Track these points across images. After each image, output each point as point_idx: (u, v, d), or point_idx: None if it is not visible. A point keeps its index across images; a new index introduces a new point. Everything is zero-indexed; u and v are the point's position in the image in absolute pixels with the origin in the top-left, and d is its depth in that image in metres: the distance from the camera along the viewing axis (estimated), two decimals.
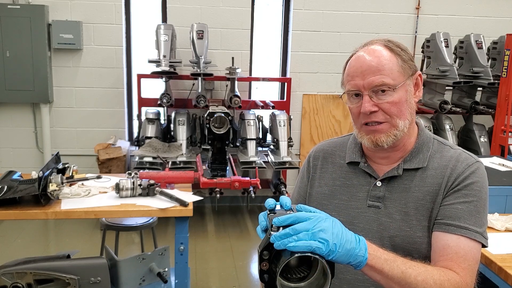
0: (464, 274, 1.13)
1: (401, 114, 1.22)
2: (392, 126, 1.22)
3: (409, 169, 1.27)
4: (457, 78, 4.54)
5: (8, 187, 2.34)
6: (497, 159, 3.25)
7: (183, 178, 2.80)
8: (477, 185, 1.21)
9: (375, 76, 1.19)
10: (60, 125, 4.94)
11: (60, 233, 4.49)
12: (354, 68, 1.23)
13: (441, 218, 1.20)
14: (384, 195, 1.27)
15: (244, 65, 5.04)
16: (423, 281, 1.06)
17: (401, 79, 1.21)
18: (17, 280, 2.29)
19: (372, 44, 1.26)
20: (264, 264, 0.96)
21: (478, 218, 1.19)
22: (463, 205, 1.19)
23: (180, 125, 4.59)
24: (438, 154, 1.28)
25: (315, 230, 0.95)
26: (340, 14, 5.08)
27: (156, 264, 2.68)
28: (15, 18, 4.56)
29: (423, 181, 1.25)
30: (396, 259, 1.07)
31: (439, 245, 1.18)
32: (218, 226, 4.72)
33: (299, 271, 1.00)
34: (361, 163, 1.33)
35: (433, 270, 1.10)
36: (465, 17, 5.24)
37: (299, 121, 5.26)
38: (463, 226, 1.17)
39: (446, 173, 1.23)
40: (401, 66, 1.22)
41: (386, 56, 1.21)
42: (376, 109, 1.20)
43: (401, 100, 1.21)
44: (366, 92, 1.21)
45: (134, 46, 5.08)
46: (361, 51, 1.25)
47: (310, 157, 1.44)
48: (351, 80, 1.23)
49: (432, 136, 1.32)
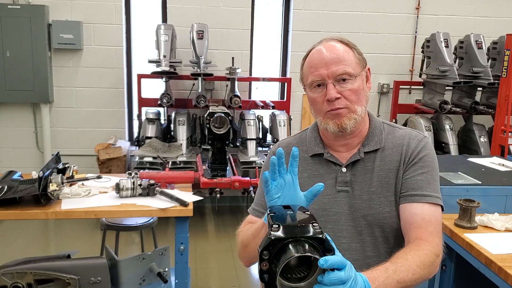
0: (432, 238, 1.27)
1: (359, 100, 1.35)
2: (352, 111, 1.35)
3: (368, 151, 1.40)
4: (457, 78, 4.54)
5: (8, 187, 2.34)
6: (497, 159, 3.25)
7: (183, 178, 2.80)
8: (430, 156, 1.38)
9: (338, 66, 1.33)
10: (60, 125, 4.95)
11: (60, 233, 4.49)
12: (317, 60, 1.35)
13: (405, 191, 1.35)
14: (350, 179, 1.39)
15: (244, 65, 5.04)
16: (413, 274, 1.17)
17: (358, 69, 1.36)
18: (17, 280, 2.29)
19: (327, 40, 1.39)
20: (264, 264, 0.96)
21: (435, 185, 1.36)
22: (422, 176, 1.35)
23: (180, 125, 4.60)
24: (390, 135, 1.43)
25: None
26: (340, 14, 5.08)
27: (156, 264, 2.68)
28: (15, 18, 4.56)
29: (383, 161, 1.39)
30: (387, 271, 1.12)
31: (407, 215, 1.32)
32: (218, 226, 4.72)
33: (299, 271, 1.00)
34: (324, 154, 1.44)
35: (412, 255, 1.20)
36: (465, 17, 5.24)
37: (299, 121, 5.26)
38: (425, 194, 1.33)
39: (402, 150, 1.39)
40: (358, 58, 1.37)
41: (344, 49, 1.36)
42: (339, 96, 1.33)
43: (359, 88, 1.35)
44: (330, 80, 1.33)
45: (134, 46, 5.09)
46: (319, 46, 1.38)
47: (274, 153, 1.48)
48: (315, 71, 1.35)
49: (381, 121, 1.48)
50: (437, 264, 1.26)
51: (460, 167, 2.95)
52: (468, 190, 2.51)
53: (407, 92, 5.36)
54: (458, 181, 2.66)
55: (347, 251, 1.35)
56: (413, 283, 1.18)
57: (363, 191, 1.37)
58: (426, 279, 1.23)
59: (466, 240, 2.01)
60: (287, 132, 4.61)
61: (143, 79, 4.76)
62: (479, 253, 1.91)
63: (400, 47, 5.22)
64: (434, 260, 1.23)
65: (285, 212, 1.07)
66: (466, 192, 2.46)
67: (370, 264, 1.35)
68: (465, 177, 2.73)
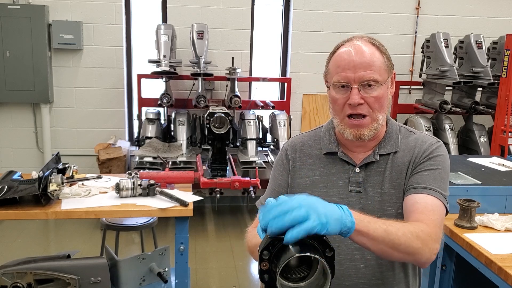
0: (433, 226, 1.21)
1: (381, 108, 1.33)
2: (373, 120, 1.32)
3: (383, 154, 1.38)
4: (457, 78, 4.54)
5: (8, 187, 2.34)
6: (497, 159, 3.25)
7: (183, 178, 2.80)
8: (441, 157, 1.35)
9: (366, 72, 1.28)
10: (60, 125, 4.95)
11: (60, 233, 4.49)
12: (345, 62, 1.30)
13: (410, 185, 1.32)
14: (363, 180, 1.37)
15: (244, 65, 5.04)
16: (403, 235, 1.12)
17: (386, 76, 1.32)
18: (17, 280, 2.29)
19: (358, 40, 1.33)
20: (264, 264, 0.96)
21: (443, 183, 1.31)
22: (429, 172, 1.32)
23: (180, 125, 4.60)
24: (405, 139, 1.41)
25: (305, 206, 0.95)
26: (340, 14, 5.08)
27: (156, 264, 2.68)
28: (15, 18, 4.56)
29: (395, 162, 1.37)
30: (376, 220, 1.11)
31: (409, 204, 1.29)
32: (218, 226, 4.72)
33: (299, 271, 1.00)
34: (339, 153, 1.41)
35: (408, 224, 1.19)
36: (465, 17, 5.24)
37: (299, 121, 5.26)
38: (429, 187, 1.29)
39: (414, 151, 1.37)
40: (386, 64, 1.33)
41: (375, 53, 1.31)
42: (362, 102, 1.29)
43: (383, 96, 1.32)
44: (355, 85, 1.29)
45: (134, 46, 5.09)
46: (349, 46, 1.32)
47: (287, 150, 1.51)
48: (341, 72, 1.30)
49: (397, 124, 1.46)
50: (432, 249, 1.17)
51: (460, 167, 2.95)
52: (468, 190, 2.51)
53: (407, 92, 5.36)
54: (458, 181, 2.66)
55: (358, 251, 1.34)
56: (401, 248, 1.11)
57: (376, 193, 1.36)
58: (417, 254, 1.15)
59: (466, 240, 2.01)
60: (287, 132, 4.61)
61: (143, 79, 4.76)
62: (479, 253, 1.91)
63: (400, 47, 5.22)
64: (428, 240, 1.16)
65: None
66: (466, 192, 2.46)
67: (382, 263, 1.35)
68: (465, 177, 2.73)
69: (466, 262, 2.02)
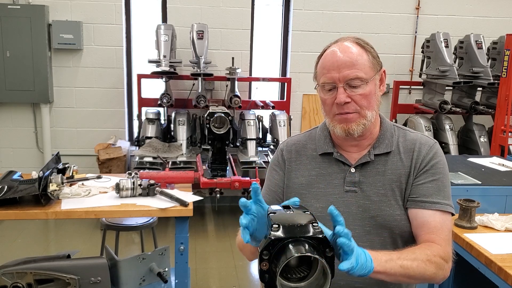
0: (444, 244, 1.29)
1: (370, 105, 1.34)
2: (361, 116, 1.34)
3: (379, 154, 1.40)
4: (457, 78, 4.54)
5: (8, 187, 2.34)
6: (497, 159, 3.25)
7: (183, 178, 2.80)
8: (440, 163, 1.38)
9: (350, 70, 1.30)
10: (60, 125, 4.95)
11: (60, 233, 4.49)
12: (330, 62, 1.33)
13: (416, 197, 1.35)
14: (359, 180, 1.39)
15: (244, 65, 5.04)
16: (417, 267, 1.19)
17: (371, 73, 1.33)
18: (17, 280, 2.29)
19: (343, 40, 1.37)
20: (264, 264, 0.96)
21: (445, 191, 1.37)
22: (432, 183, 1.36)
23: (180, 125, 4.60)
24: (401, 138, 1.42)
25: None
26: (340, 14, 5.08)
27: (156, 264, 2.68)
28: (15, 18, 4.56)
29: (395, 165, 1.39)
30: (391, 256, 1.17)
31: (419, 222, 1.34)
32: (218, 226, 4.72)
33: (299, 271, 1.00)
34: (334, 153, 1.43)
35: (420, 251, 1.23)
36: (465, 17, 5.24)
37: (299, 121, 5.26)
38: (435, 201, 1.34)
39: (413, 156, 1.38)
40: (371, 62, 1.34)
41: (359, 52, 1.33)
42: (349, 100, 1.32)
43: (370, 93, 1.33)
44: (341, 84, 1.31)
45: (134, 46, 5.09)
46: (334, 47, 1.35)
47: (282, 151, 1.52)
48: (327, 73, 1.33)
49: (392, 123, 1.47)
50: (446, 269, 1.26)
51: (460, 167, 2.95)
52: (468, 190, 2.51)
53: (407, 92, 5.36)
54: (458, 181, 2.66)
55: None
56: (417, 276, 1.19)
57: (372, 193, 1.37)
58: (432, 278, 1.24)
59: (466, 240, 2.01)
60: (287, 132, 4.61)
61: (143, 79, 4.76)
62: (479, 253, 1.91)
63: (400, 47, 5.22)
64: (441, 263, 1.24)
65: (285, 212, 1.07)
66: (466, 192, 2.46)
67: None
68: (465, 177, 2.73)
69: (466, 262, 2.02)
